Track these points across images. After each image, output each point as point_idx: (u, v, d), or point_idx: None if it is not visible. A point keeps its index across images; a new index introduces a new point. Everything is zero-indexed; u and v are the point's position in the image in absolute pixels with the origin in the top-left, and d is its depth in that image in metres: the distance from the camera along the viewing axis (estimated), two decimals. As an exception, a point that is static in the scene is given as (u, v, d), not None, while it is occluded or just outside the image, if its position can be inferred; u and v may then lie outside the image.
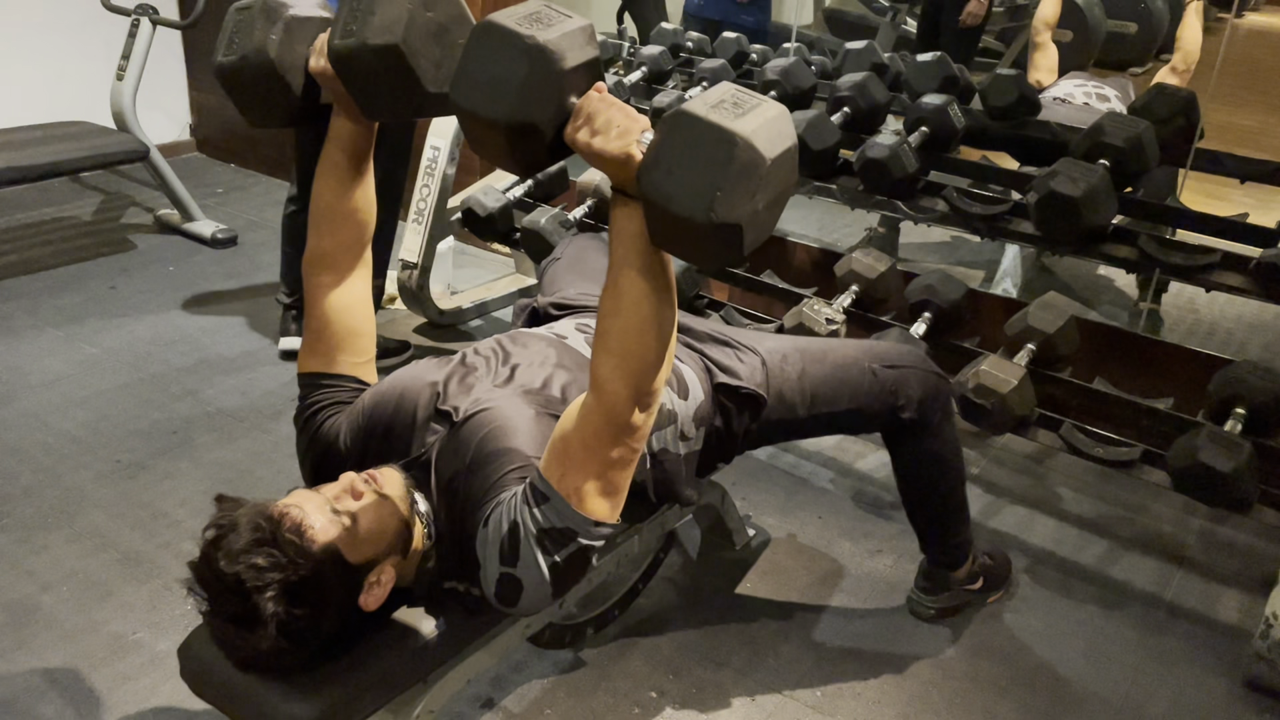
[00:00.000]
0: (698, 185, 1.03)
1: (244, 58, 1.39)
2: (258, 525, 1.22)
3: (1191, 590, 2.24)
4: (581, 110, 1.12)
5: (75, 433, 2.55)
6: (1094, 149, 2.21)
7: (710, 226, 1.03)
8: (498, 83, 1.10)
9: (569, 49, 1.10)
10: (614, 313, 1.18)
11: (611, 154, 1.10)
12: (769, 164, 1.04)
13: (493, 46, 1.10)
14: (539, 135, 1.12)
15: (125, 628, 1.94)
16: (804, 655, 1.98)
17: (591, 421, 1.22)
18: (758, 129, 1.04)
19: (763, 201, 1.07)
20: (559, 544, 1.25)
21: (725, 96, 1.08)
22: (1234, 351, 3.11)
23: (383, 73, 1.30)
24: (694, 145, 1.04)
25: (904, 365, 1.82)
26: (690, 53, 3.38)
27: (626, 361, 1.18)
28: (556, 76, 1.10)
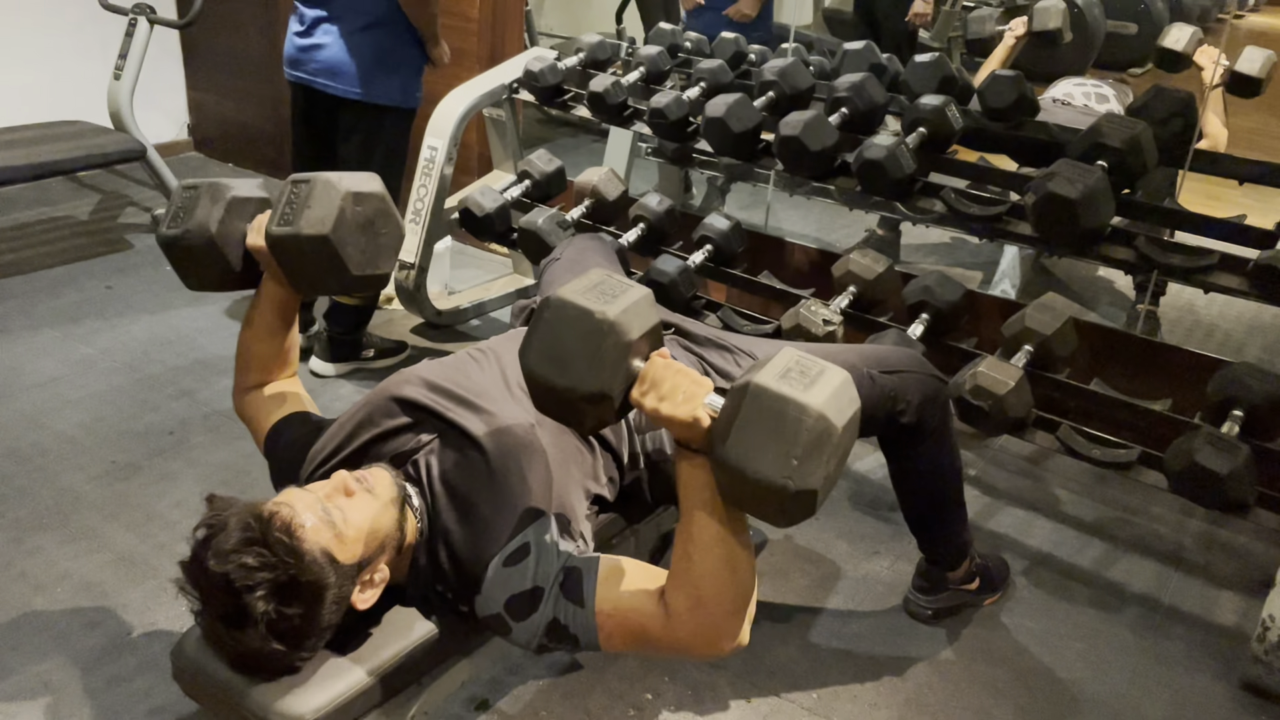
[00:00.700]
0: (775, 457, 1.09)
1: (187, 231, 1.56)
2: (247, 524, 1.22)
3: (1189, 592, 2.24)
4: (647, 376, 1.19)
5: (70, 433, 2.54)
6: (1092, 150, 2.20)
7: (789, 494, 1.09)
8: (570, 356, 1.17)
9: (634, 320, 1.18)
10: (688, 558, 1.22)
11: (680, 419, 1.16)
12: (840, 432, 1.10)
13: (563, 321, 1.17)
14: (608, 401, 1.18)
15: (120, 629, 1.93)
16: (800, 657, 1.98)
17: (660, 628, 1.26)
18: (828, 400, 1.10)
19: (834, 464, 1.12)
20: (561, 639, 1.31)
21: (791, 365, 1.14)
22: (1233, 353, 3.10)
23: (313, 257, 1.49)
24: (769, 417, 1.09)
25: (902, 370, 1.82)
26: (688, 53, 3.37)
27: (703, 606, 1.22)
28: (625, 348, 1.16)
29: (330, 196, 1.47)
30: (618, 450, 1.56)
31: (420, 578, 1.41)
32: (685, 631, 1.23)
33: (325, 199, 1.47)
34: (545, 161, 2.98)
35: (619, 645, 1.31)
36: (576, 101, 3.08)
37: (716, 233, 2.66)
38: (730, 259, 2.68)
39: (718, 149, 2.64)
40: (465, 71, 3.39)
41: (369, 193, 1.53)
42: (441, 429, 1.44)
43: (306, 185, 1.50)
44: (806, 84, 2.70)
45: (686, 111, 2.74)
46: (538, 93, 3.11)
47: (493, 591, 1.32)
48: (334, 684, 1.31)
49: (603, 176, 2.85)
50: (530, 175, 2.96)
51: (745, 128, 2.53)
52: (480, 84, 3.19)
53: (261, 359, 1.65)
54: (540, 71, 3.05)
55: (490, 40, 3.66)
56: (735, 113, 2.53)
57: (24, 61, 4.17)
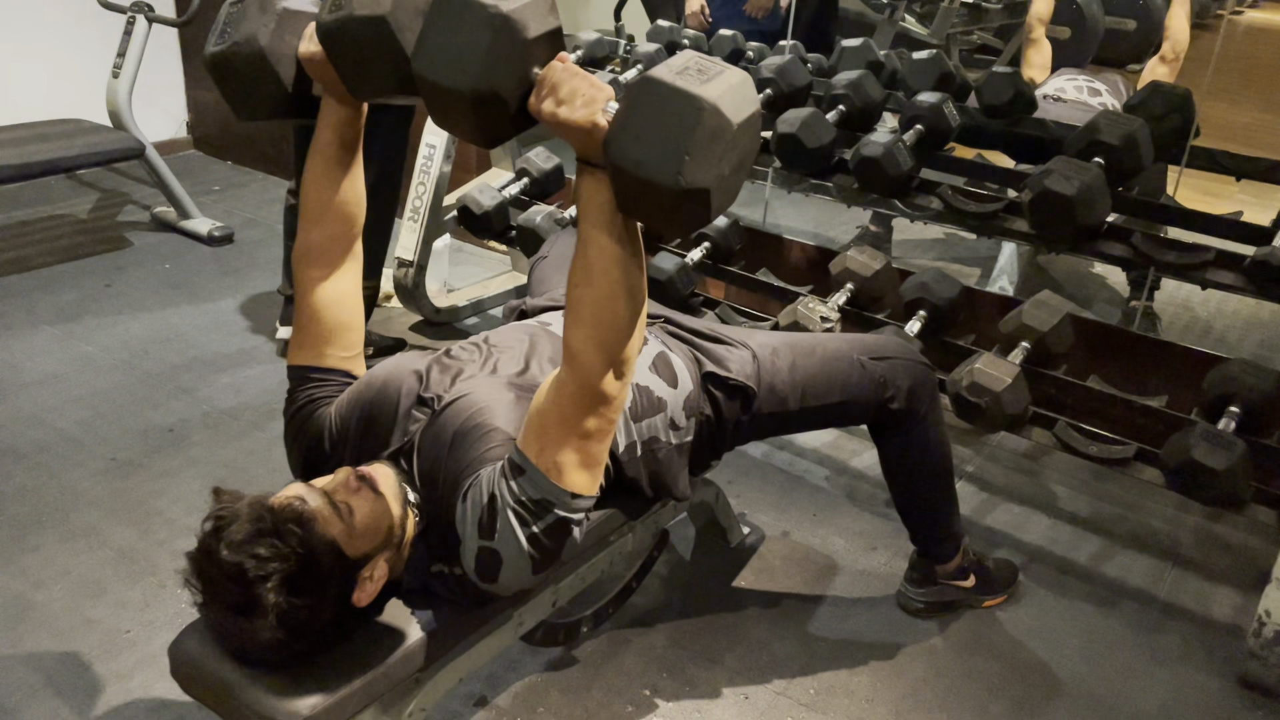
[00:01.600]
0: (666, 151, 1.04)
1: (235, 45, 1.42)
2: (259, 516, 1.23)
3: (1186, 588, 2.24)
4: (545, 80, 1.13)
5: (70, 431, 2.55)
6: (1089, 147, 2.21)
7: (679, 191, 1.05)
8: (460, 52, 1.10)
9: (532, 18, 1.11)
10: (584, 282, 1.19)
11: (577, 123, 1.11)
12: (735, 128, 1.06)
13: (455, 15, 1.11)
14: (503, 105, 1.12)
15: (118, 625, 1.94)
16: (797, 653, 1.98)
17: (566, 392, 1.23)
18: (723, 94, 1.05)
19: (729, 166, 1.08)
20: (536, 515, 1.27)
21: (689, 64, 1.09)
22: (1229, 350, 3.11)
23: (369, 46, 1.31)
24: (661, 111, 1.04)
25: (891, 356, 1.84)
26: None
27: (598, 330, 1.19)
28: (520, 46, 1.10)
29: None
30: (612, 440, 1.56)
31: (417, 565, 1.41)
32: (585, 372, 1.20)
33: None
34: (544, 159, 2.98)
35: (564, 461, 1.25)
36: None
37: (714, 230, 2.67)
38: (728, 256, 2.69)
39: (715, 146, 2.64)
40: (463, 69, 3.39)
41: None
42: (423, 417, 1.45)
43: None
44: (804, 81, 2.71)
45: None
46: (536, 90, 3.11)
47: (465, 529, 1.31)
48: (331, 680, 1.32)
49: (601, 174, 2.84)
50: (529, 173, 2.97)
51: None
52: (478, 81, 3.19)
53: (321, 204, 1.51)
54: (538, 69, 3.05)
55: (488, 38, 3.65)
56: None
57: (23, 59, 4.18)
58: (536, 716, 1.79)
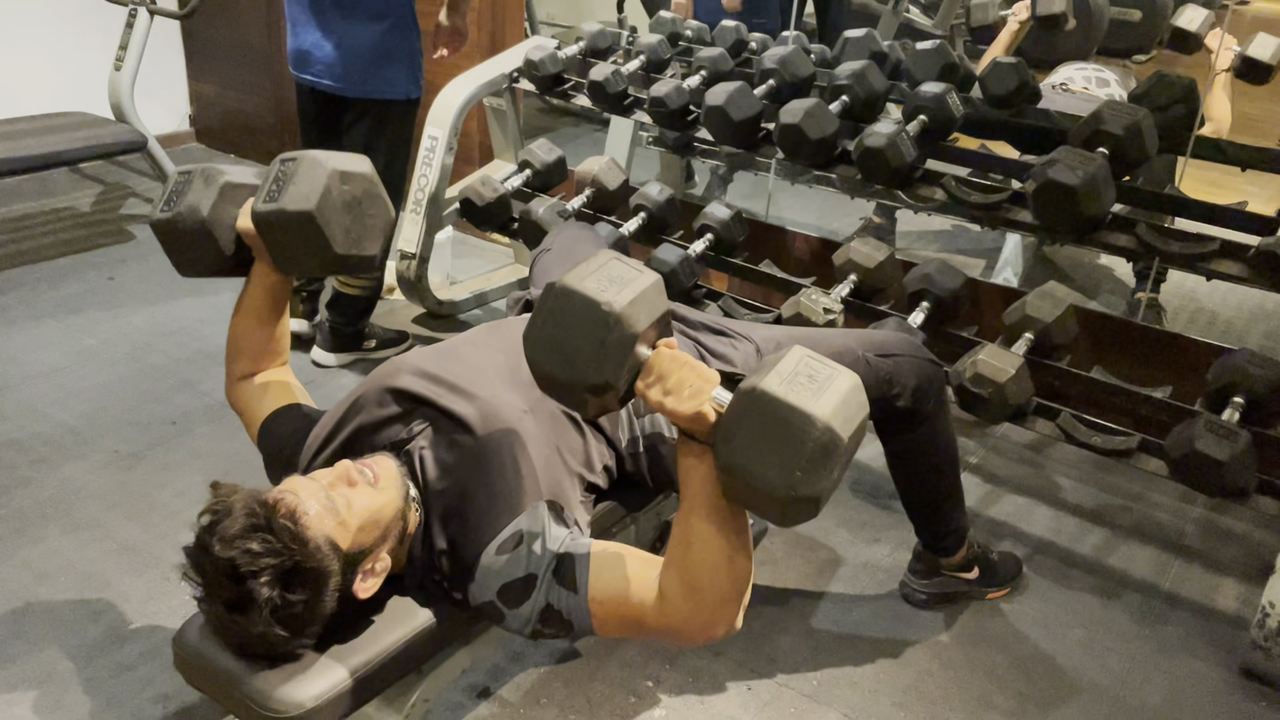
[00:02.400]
0: (778, 465, 1.07)
1: (178, 215, 1.57)
2: (252, 511, 1.22)
3: (1189, 579, 2.24)
4: (653, 369, 1.17)
5: (73, 424, 2.55)
6: (1093, 137, 2.20)
7: (790, 501, 1.08)
8: (576, 348, 1.14)
9: (642, 312, 1.15)
10: (685, 546, 1.21)
11: (685, 414, 1.14)
12: (846, 442, 1.08)
13: (568, 310, 1.14)
14: (613, 393, 1.16)
15: (122, 618, 1.94)
16: (800, 644, 1.98)
17: (654, 614, 1.26)
18: (836, 409, 1.08)
19: (839, 471, 1.10)
20: (557, 625, 1.32)
21: (799, 368, 1.11)
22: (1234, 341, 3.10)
23: (297, 234, 1.47)
24: (773, 425, 1.07)
25: (898, 353, 1.82)
26: (689, 41, 3.36)
27: (698, 594, 1.22)
28: (630, 340, 1.14)
29: (316, 174, 1.47)
30: (614, 437, 1.56)
31: (417, 567, 1.41)
32: (679, 618, 1.24)
33: (311, 176, 1.47)
34: (546, 151, 2.98)
35: (613, 631, 1.31)
36: (576, 91, 3.07)
37: (717, 221, 2.66)
38: (731, 248, 2.68)
39: (718, 137, 2.64)
40: (465, 61, 3.38)
41: (356, 173, 1.52)
42: (433, 417, 1.44)
43: (294, 163, 1.49)
44: (807, 72, 2.70)
45: (687, 100, 2.74)
46: (538, 82, 3.10)
47: (486, 580, 1.33)
48: (335, 671, 1.32)
49: (603, 166, 2.84)
50: (531, 165, 2.96)
51: (745, 116, 2.53)
52: (480, 73, 3.19)
53: (252, 347, 1.65)
54: (540, 60, 3.05)
55: (490, 29, 3.65)
56: (735, 101, 2.52)
57: (24, 52, 4.17)
58: (540, 708, 1.80)
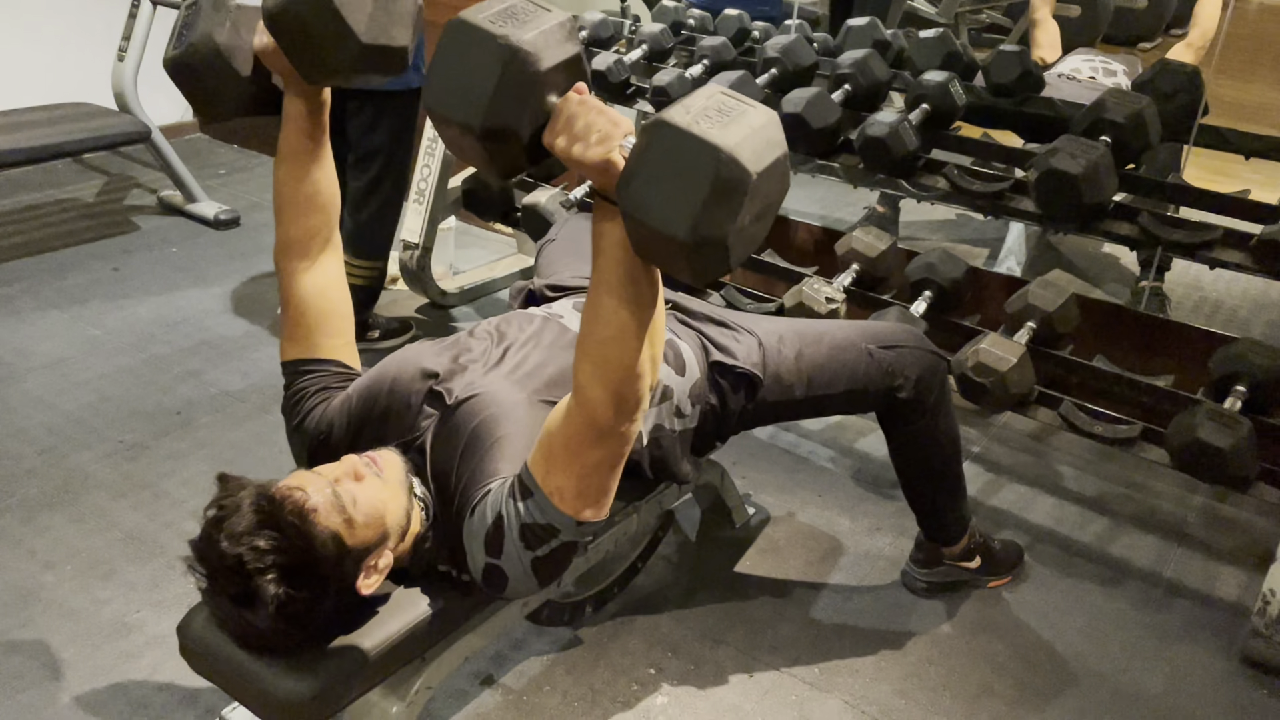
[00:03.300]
0: (679, 200, 0.98)
1: (191, 46, 1.41)
2: (260, 507, 1.23)
3: (1191, 567, 2.24)
4: (560, 114, 1.08)
5: (78, 414, 2.56)
6: (1095, 126, 2.20)
7: (692, 243, 0.99)
8: (470, 86, 1.04)
9: (545, 48, 1.05)
10: (593, 319, 1.16)
11: (591, 161, 1.06)
12: (755, 178, 0.98)
13: (464, 47, 1.05)
14: (515, 139, 1.07)
15: (127, 607, 1.96)
16: (802, 632, 1.99)
17: (573, 424, 1.21)
18: (743, 140, 0.98)
19: (749, 216, 1.02)
20: (541, 539, 1.27)
21: (710, 104, 1.02)
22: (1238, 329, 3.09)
23: (315, 26, 1.28)
24: (675, 158, 0.98)
25: (901, 345, 1.82)
26: (692, 30, 3.35)
27: (606, 369, 1.16)
28: (532, 78, 1.04)
29: None
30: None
31: (422, 559, 1.42)
32: (592, 406, 1.18)
33: None
34: (548, 140, 2.97)
35: (570, 490, 1.24)
36: (579, 80, 3.07)
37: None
38: (733, 237, 2.68)
39: (720, 126, 2.63)
40: (468, 50, 3.38)
41: None
42: (436, 411, 1.45)
43: None
44: (809, 61, 2.69)
45: (689, 89, 2.73)
46: (540, 71, 3.09)
47: (471, 546, 1.32)
48: (338, 659, 1.33)
49: (606, 155, 2.84)
50: (533, 154, 2.96)
51: (748, 105, 2.52)
52: (483, 63, 3.18)
53: (295, 199, 1.50)
54: (543, 50, 3.04)
55: (493, 19, 3.64)
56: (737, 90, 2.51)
57: (28, 43, 4.17)
58: (543, 695, 1.81)
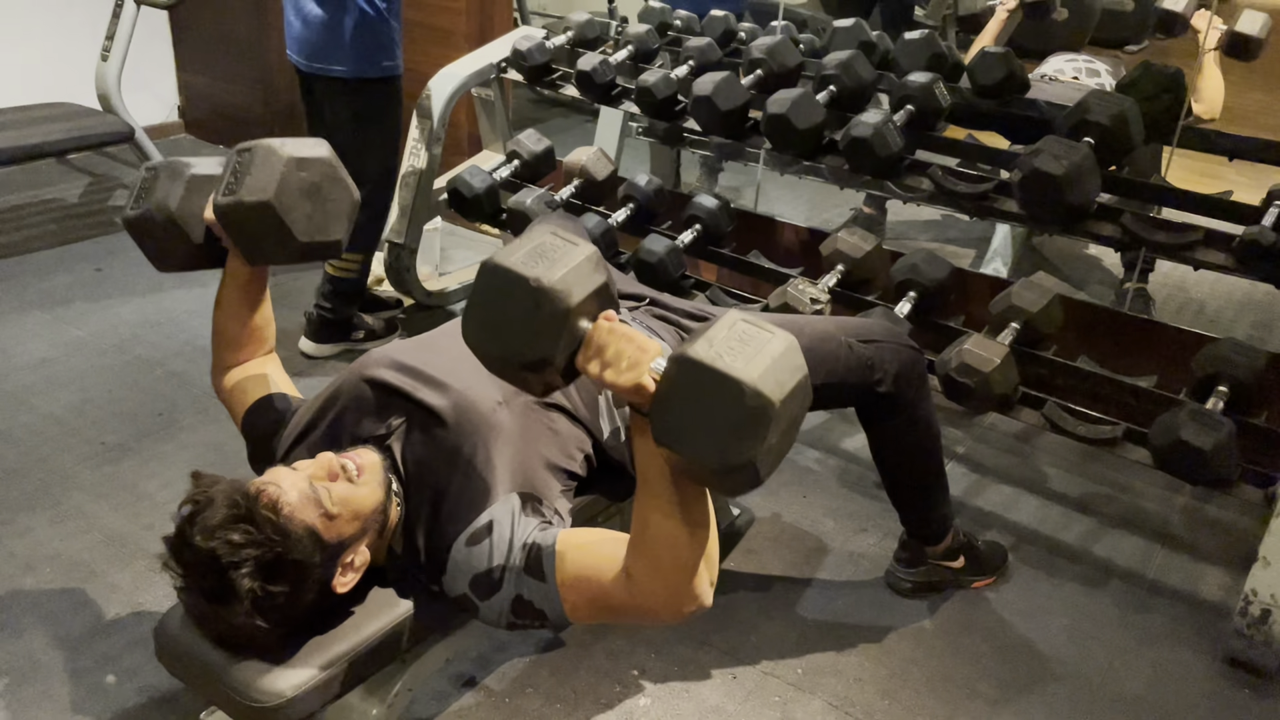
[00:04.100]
0: (707, 432, 1.04)
1: (147, 211, 1.56)
2: (234, 501, 1.22)
3: (1174, 568, 2.25)
4: (591, 342, 1.14)
5: (60, 415, 2.55)
6: (1079, 127, 2.20)
7: (723, 470, 1.05)
8: (508, 324, 1.12)
9: (575, 284, 1.12)
10: (643, 524, 1.20)
11: (623, 387, 1.12)
12: (779, 406, 1.04)
13: (499, 289, 1.12)
14: (552, 368, 1.14)
15: (108, 609, 1.94)
16: (786, 633, 1.99)
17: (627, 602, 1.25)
18: (765, 372, 1.04)
19: (775, 437, 1.07)
20: (530, 616, 1.31)
21: (731, 334, 1.08)
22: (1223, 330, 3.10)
23: (258, 225, 1.47)
24: (701, 392, 1.04)
25: (879, 340, 1.83)
26: (678, 31, 3.35)
27: (661, 572, 1.20)
28: (563, 314, 1.11)
29: (272, 163, 1.45)
30: (593, 426, 1.56)
31: (397, 561, 1.41)
32: (646, 596, 1.23)
33: (267, 165, 1.45)
34: (534, 141, 2.97)
35: (585, 616, 1.31)
36: (565, 81, 3.07)
37: (705, 212, 2.66)
38: (719, 238, 2.68)
39: (705, 127, 2.63)
40: (454, 51, 3.37)
41: (313, 158, 1.49)
42: (410, 410, 1.44)
43: (249, 153, 1.48)
44: (795, 62, 2.69)
45: (674, 90, 2.73)
46: (525, 72, 3.09)
47: (457, 572, 1.33)
48: (316, 660, 1.32)
49: (591, 156, 2.84)
50: (519, 155, 2.96)
51: (732, 106, 2.52)
52: (468, 63, 3.18)
53: (234, 337, 1.64)
54: (528, 50, 3.04)
55: (479, 19, 3.64)
56: (722, 91, 2.51)
57: (11, 43, 4.15)
58: (525, 697, 1.80)
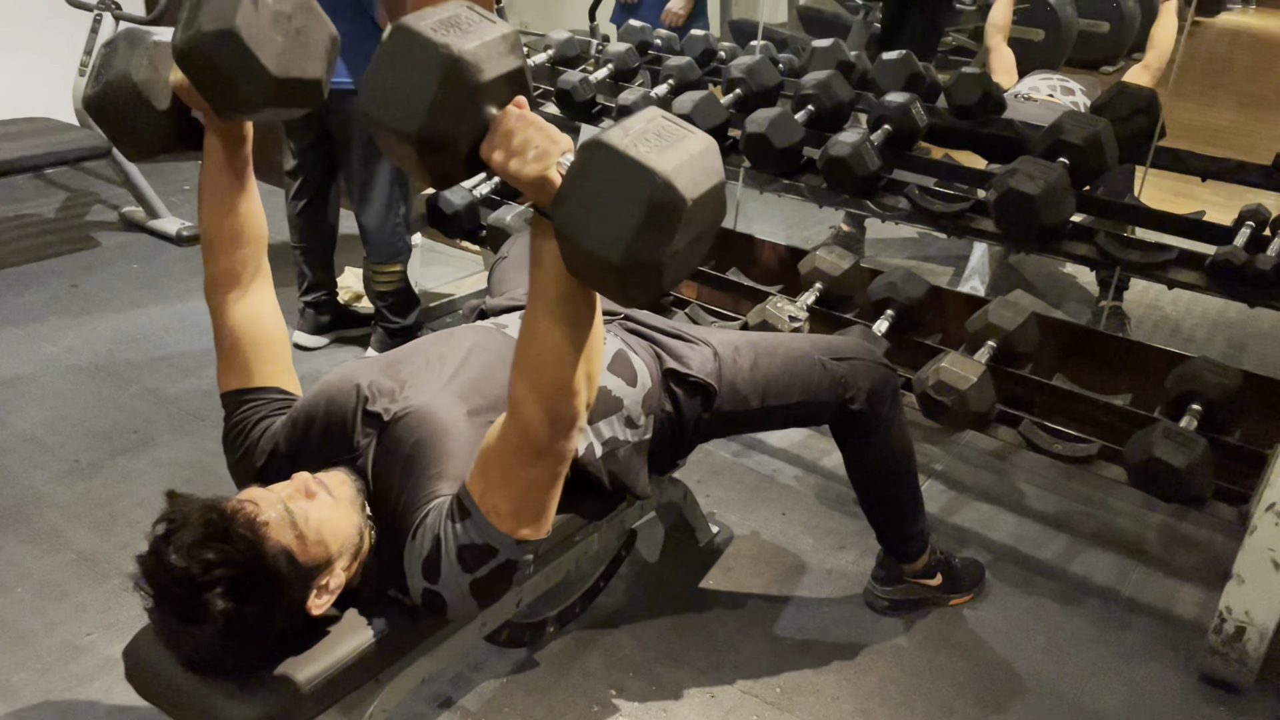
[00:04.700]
0: (612, 223, 0.97)
1: (108, 84, 1.40)
2: (209, 520, 1.21)
3: (1150, 585, 2.26)
4: (498, 128, 1.06)
5: (33, 432, 2.52)
6: (1054, 147, 2.23)
7: (625, 266, 0.98)
8: (408, 94, 1.03)
9: (487, 59, 1.04)
10: (529, 337, 1.15)
11: (527, 177, 1.05)
12: (690, 205, 0.98)
13: (405, 54, 1.03)
14: (452, 150, 1.06)
15: (79, 629, 1.92)
16: (764, 652, 1.98)
17: (509, 442, 1.20)
18: (679, 166, 0.97)
19: (683, 241, 1.01)
20: (480, 560, 1.25)
21: (649, 127, 1.01)
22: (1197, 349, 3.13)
23: (224, 61, 1.28)
24: (611, 180, 0.97)
25: (852, 357, 1.84)
26: (658, 50, 3.37)
27: (540, 387, 1.15)
28: (472, 90, 1.03)
29: None
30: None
31: (371, 582, 1.40)
32: (526, 423, 1.17)
33: None
34: (514, 158, 2.97)
35: (508, 508, 1.23)
36: (545, 98, 3.08)
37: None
38: (698, 256, 2.68)
39: (685, 145, 2.64)
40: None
41: None
42: (378, 427, 1.43)
43: None
44: (774, 81, 2.71)
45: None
46: (507, 89, 3.10)
47: (411, 568, 1.30)
48: (289, 682, 1.31)
49: (571, 173, 2.84)
50: (499, 172, 2.96)
51: (712, 125, 2.54)
52: (449, 81, 3.18)
53: (223, 235, 1.49)
54: (509, 68, 3.04)
55: (461, 37, 3.64)
56: (702, 109, 2.53)
57: (-11, 57, 4.13)
58: (502, 717, 1.79)
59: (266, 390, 1.53)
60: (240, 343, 1.51)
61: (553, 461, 1.22)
